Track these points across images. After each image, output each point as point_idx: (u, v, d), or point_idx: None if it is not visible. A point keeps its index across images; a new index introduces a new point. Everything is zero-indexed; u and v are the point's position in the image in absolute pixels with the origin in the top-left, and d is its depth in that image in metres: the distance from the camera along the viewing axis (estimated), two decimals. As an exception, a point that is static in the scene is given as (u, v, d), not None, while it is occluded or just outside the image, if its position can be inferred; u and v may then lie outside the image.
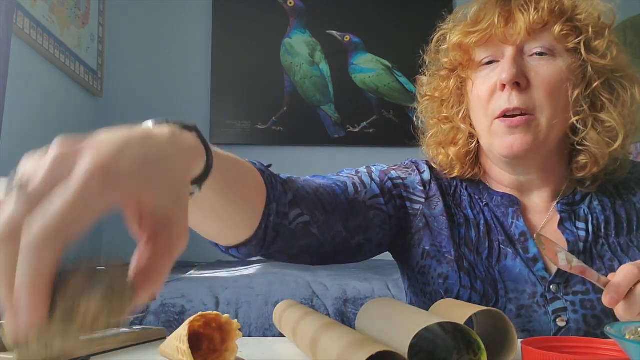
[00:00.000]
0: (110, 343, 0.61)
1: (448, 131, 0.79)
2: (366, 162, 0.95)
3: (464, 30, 0.73)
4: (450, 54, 0.76)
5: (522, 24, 0.69)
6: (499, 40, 0.71)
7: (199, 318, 0.50)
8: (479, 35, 0.72)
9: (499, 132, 0.71)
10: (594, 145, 0.72)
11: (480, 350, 0.47)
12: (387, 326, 0.48)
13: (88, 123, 2.44)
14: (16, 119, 1.72)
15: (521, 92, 0.69)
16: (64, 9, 2.11)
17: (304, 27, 2.78)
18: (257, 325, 1.32)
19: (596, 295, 0.68)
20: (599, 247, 0.73)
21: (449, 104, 0.79)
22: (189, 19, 2.75)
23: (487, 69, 0.73)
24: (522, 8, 0.70)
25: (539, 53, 0.71)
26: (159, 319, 1.29)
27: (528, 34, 0.70)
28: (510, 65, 0.69)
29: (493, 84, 0.71)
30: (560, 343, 0.50)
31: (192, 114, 2.71)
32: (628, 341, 0.41)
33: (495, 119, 0.71)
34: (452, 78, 0.77)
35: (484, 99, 0.72)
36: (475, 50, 0.74)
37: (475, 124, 0.76)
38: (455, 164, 0.79)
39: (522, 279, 0.71)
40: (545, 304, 0.70)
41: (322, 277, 1.52)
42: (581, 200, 0.76)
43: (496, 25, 0.70)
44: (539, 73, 0.70)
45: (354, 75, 2.78)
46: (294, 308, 0.63)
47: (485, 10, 0.72)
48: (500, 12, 0.70)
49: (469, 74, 0.75)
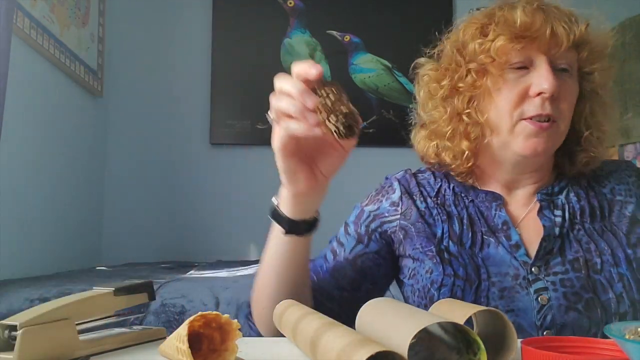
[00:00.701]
0: (110, 343, 0.61)
1: (464, 125, 0.82)
2: (366, 162, 0.96)
3: (513, 33, 0.76)
4: (491, 53, 0.78)
5: (564, 40, 0.75)
6: (540, 50, 0.76)
7: (199, 318, 0.50)
8: (528, 42, 0.76)
9: (525, 133, 0.77)
10: (595, 149, 0.82)
11: (480, 350, 0.47)
12: (387, 326, 0.48)
13: (88, 123, 2.44)
14: (16, 118, 1.72)
15: (553, 102, 0.76)
16: (64, 9, 2.11)
17: (304, 27, 2.78)
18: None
19: (575, 274, 0.75)
20: (575, 231, 0.80)
21: (470, 99, 0.82)
22: (189, 19, 2.75)
23: (517, 72, 0.78)
24: (565, 25, 0.76)
25: (563, 69, 0.78)
26: (159, 319, 1.29)
27: (564, 50, 0.76)
28: (552, 76, 0.74)
29: (525, 88, 0.77)
30: (560, 343, 0.50)
31: (192, 114, 2.71)
32: (628, 341, 0.41)
33: (522, 120, 0.77)
34: (485, 75, 0.80)
35: (513, 101, 0.77)
36: (512, 52, 0.77)
37: (494, 120, 0.79)
38: (470, 157, 0.83)
39: (504, 263, 0.78)
40: (527, 285, 0.75)
41: (322, 277, 1.52)
42: (559, 192, 0.84)
43: (546, 36, 0.75)
44: (566, 88, 0.77)
45: (354, 75, 2.78)
46: (294, 308, 0.63)
47: (533, 19, 0.76)
48: (548, 23, 0.75)
49: (499, 73, 0.78)
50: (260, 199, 2.68)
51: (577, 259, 0.76)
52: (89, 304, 0.60)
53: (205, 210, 2.65)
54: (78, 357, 0.56)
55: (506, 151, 0.80)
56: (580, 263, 0.75)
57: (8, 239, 1.70)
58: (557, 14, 0.77)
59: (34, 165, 1.90)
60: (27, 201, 1.84)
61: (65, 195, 2.16)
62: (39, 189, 1.93)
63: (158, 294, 1.33)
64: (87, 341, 0.60)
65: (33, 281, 1.50)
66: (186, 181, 2.67)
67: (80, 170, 2.33)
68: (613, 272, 0.74)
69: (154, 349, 0.59)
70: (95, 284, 0.66)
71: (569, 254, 0.77)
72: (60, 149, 2.11)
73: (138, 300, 0.67)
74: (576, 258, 0.76)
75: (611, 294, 0.73)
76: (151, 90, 2.69)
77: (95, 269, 2.06)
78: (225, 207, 2.66)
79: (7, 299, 1.31)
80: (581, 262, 0.75)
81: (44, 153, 1.98)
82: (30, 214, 1.87)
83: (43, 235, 1.96)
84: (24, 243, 1.82)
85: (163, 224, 2.63)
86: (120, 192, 2.63)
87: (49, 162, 2.01)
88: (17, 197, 1.77)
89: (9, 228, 1.71)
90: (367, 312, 0.55)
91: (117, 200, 2.62)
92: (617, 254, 0.76)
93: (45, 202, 1.98)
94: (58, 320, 0.55)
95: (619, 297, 0.72)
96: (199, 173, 2.67)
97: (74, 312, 0.57)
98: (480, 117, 0.80)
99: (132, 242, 2.59)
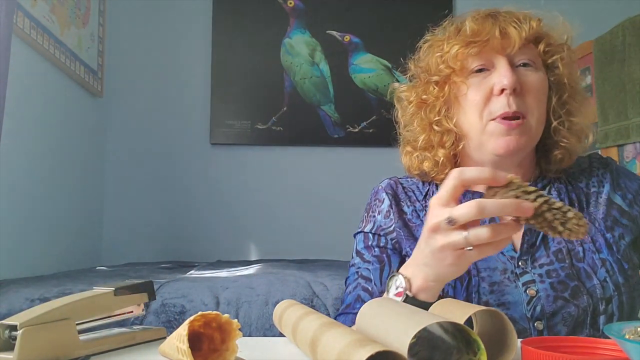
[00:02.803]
0: (110, 343, 0.61)
1: (438, 134, 0.87)
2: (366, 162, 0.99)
3: (464, 40, 0.81)
4: (446, 62, 0.83)
5: (516, 38, 0.79)
6: (495, 51, 0.81)
7: (199, 318, 0.50)
8: (480, 46, 0.81)
9: (495, 133, 0.80)
10: (569, 144, 0.85)
11: (479, 350, 0.47)
12: (387, 326, 0.48)
13: (88, 123, 2.44)
14: (16, 119, 1.72)
15: (517, 97, 0.79)
16: (64, 9, 2.11)
17: (304, 27, 2.78)
18: (257, 325, 1.31)
19: (559, 264, 0.78)
20: None
21: (439, 108, 0.86)
22: (189, 19, 2.75)
23: (479, 76, 0.82)
24: (514, 24, 0.80)
25: (524, 64, 0.81)
26: (159, 319, 1.29)
27: (518, 47, 0.80)
28: (510, 72, 0.78)
29: (488, 88, 0.80)
30: (560, 343, 0.50)
31: (192, 114, 2.71)
32: (628, 341, 0.41)
33: (491, 120, 0.80)
34: (445, 84, 0.85)
35: (479, 103, 0.81)
36: (468, 58, 0.82)
37: (467, 125, 0.84)
38: (447, 164, 0.88)
39: (492, 259, 0.80)
40: (515, 278, 0.78)
41: (322, 277, 1.52)
42: (542, 188, 0.86)
43: (495, 36, 0.79)
44: (528, 81, 0.81)
45: (354, 75, 2.78)
46: (294, 308, 0.63)
47: (482, 24, 0.81)
48: (497, 26, 0.80)
49: (462, 79, 0.82)
50: (260, 199, 2.69)
51: (560, 249, 0.79)
52: (89, 304, 0.60)
53: (206, 211, 2.65)
54: (78, 357, 0.56)
55: (482, 152, 0.83)
56: (563, 253, 0.79)
57: (8, 239, 1.70)
58: (507, 18, 0.82)
59: (33, 165, 1.90)
60: (27, 201, 1.84)
61: (65, 195, 2.16)
62: (39, 189, 1.93)
63: (158, 294, 1.33)
64: (87, 341, 0.60)
65: (33, 281, 1.50)
66: (186, 181, 2.67)
67: (80, 170, 2.33)
68: (595, 258, 0.78)
69: (154, 349, 0.59)
70: (95, 284, 0.66)
71: (552, 246, 0.80)
72: (60, 149, 2.11)
73: (138, 300, 0.67)
74: (559, 249, 0.79)
75: (595, 280, 0.76)
76: (151, 90, 2.69)
77: (95, 269, 2.06)
78: (225, 207, 2.66)
79: (7, 299, 1.31)
80: (564, 252, 0.79)
81: (44, 153, 1.98)
82: (30, 214, 1.87)
83: (43, 235, 1.96)
84: (24, 243, 1.82)
85: (163, 224, 2.63)
86: (120, 192, 2.63)
87: (49, 162, 2.01)
88: (17, 197, 1.77)
89: (9, 228, 1.71)
90: (367, 312, 0.55)
91: (117, 200, 2.62)
92: (597, 239, 0.80)
93: (45, 202, 1.98)
94: (58, 320, 0.55)
95: (603, 282, 0.76)
96: (199, 173, 2.67)
97: (74, 312, 0.57)
98: (450, 124, 0.84)
99: (132, 242, 2.59)
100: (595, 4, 2.76)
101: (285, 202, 2.68)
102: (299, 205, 2.67)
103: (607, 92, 2.18)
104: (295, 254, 2.49)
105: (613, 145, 2.17)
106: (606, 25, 2.23)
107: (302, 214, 2.66)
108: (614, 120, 2.15)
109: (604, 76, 2.20)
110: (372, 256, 0.88)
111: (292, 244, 2.61)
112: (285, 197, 2.68)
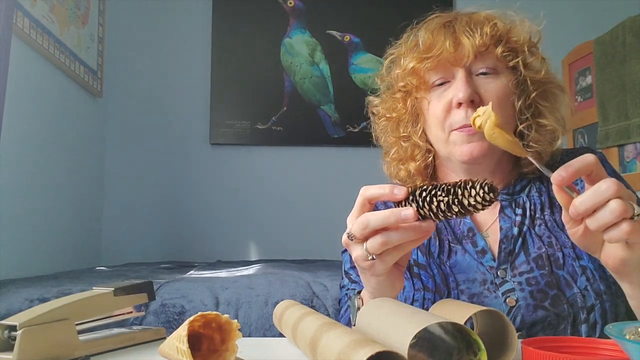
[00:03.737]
0: (110, 343, 0.61)
1: (407, 148, 0.88)
2: (366, 162, 1.00)
3: (418, 56, 0.82)
4: (406, 79, 0.84)
5: (469, 48, 0.78)
6: (450, 64, 0.80)
7: (199, 318, 0.50)
8: (433, 61, 0.80)
9: (457, 142, 0.80)
10: (538, 146, 0.83)
11: (480, 350, 0.47)
12: (387, 326, 0.48)
13: (88, 123, 2.44)
14: (16, 119, 1.72)
15: (476, 108, 0.76)
16: (64, 9, 2.11)
17: (304, 27, 2.78)
18: (257, 325, 1.31)
19: (539, 271, 0.76)
20: (536, 227, 0.81)
21: (406, 123, 0.88)
22: (189, 19, 2.75)
23: (440, 89, 0.82)
24: (467, 34, 0.79)
25: (484, 72, 0.81)
26: (158, 319, 1.29)
27: (474, 57, 0.79)
28: (464, 86, 0.78)
29: (448, 101, 0.80)
30: (560, 343, 0.50)
31: (192, 114, 2.71)
32: (628, 341, 0.41)
33: (452, 131, 0.80)
34: (408, 99, 0.86)
35: (440, 116, 0.81)
36: (427, 73, 0.83)
37: (432, 138, 0.85)
38: (417, 177, 0.89)
39: (471, 270, 0.79)
40: (495, 289, 0.77)
41: (322, 277, 1.52)
42: (521, 190, 0.86)
43: (448, 50, 0.79)
44: (488, 90, 0.80)
45: (354, 75, 2.78)
46: (294, 308, 0.63)
47: (435, 38, 0.81)
48: (449, 38, 0.79)
49: (424, 95, 0.83)
50: (260, 199, 2.69)
51: (540, 255, 0.77)
52: (89, 304, 0.60)
53: (205, 211, 2.65)
54: (78, 357, 0.56)
55: (452, 162, 0.84)
56: (543, 259, 0.76)
57: (8, 239, 1.70)
58: (461, 26, 0.80)
59: (33, 165, 1.90)
60: (27, 201, 1.84)
61: (65, 195, 2.15)
62: (38, 189, 1.93)
63: (158, 294, 1.33)
64: (87, 341, 0.60)
65: (33, 281, 1.50)
66: (186, 181, 2.67)
67: (80, 170, 2.33)
68: (575, 265, 0.75)
69: (154, 349, 0.59)
70: (95, 284, 0.66)
71: (532, 252, 0.78)
72: (60, 149, 2.11)
73: (138, 300, 0.67)
74: (539, 255, 0.77)
75: (576, 289, 0.73)
76: (151, 90, 2.69)
77: (95, 269, 2.06)
78: (225, 207, 2.66)
79: (7, 299, 1.31)
80: (544, 258, 0.76)
81: (44, 153, 1.98)
82: (30, 214, 1.87)
83: (43, 235, 1.96)
84: (23, 243, 1.82)
85: (163, 224, 2.63)
86: (120, 192, 2.63)
87: (48, 162, 2.01)
88: (17, 197, 1.77)
89: (9, 228, 1.71)
90: (367, 312, 0.55)
91: (117, 200, 2.62)
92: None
93: (45, 202, 1.98)
94: (58, 321, 0.55)
95: (583, 291, 0.73)
96: (199, 173, 2.67)
97: (74, 312, 0.57)
98: (417, 139, 0.86)
99: (132, 242, 2.59)
100: (595, 4, 2.76)
101: (285, 202, 2.68)
102: (299, 205, 2.67)
103: (608, 92, 2.18)
104: (295, 254, 2.49)
105: (613, 145, 2.17)
106: (606, 25, 2.23)
107: (302, 214, 2.66)
108: (614, 120, 2.15)
109: (604, 76, 2.20)
110: (357, 276, 0.86)
111: (292, 244, 2.61)
112: (285, 197, 2.68)
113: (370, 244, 0.61)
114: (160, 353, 0.54)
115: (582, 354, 0.49)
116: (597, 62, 2.25)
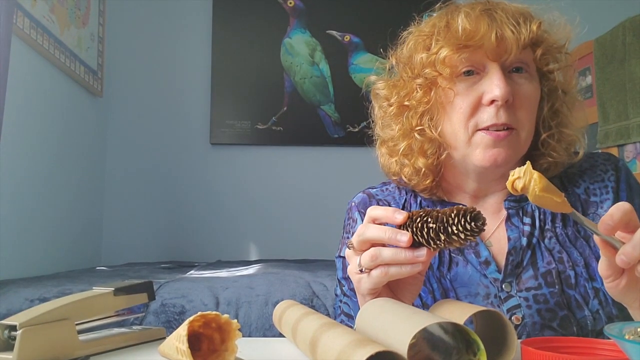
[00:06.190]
0: (110, 343, 0.61)
1: (419, 142, 0.78)
2: (366, 162, 0.94)
3: (455, 43, 0.72)
4: (436, 66, 0.73)
5: (513, 45, 0.70)
6: (490, 58, 0.72)
7: (199, 318, 0.50)
8: (472, 50, 0.71)
9: (482, 144, 0.72)
10: (556, 154, 0.77)
11: (479, 351, 0.47)
12: (387, 326, 0.48)
13: (88, 123, 2.44)
14: (16, 119, 1.72)
15: (508, 109, 0.71)
16: (64, 9, 2.11)
17: (304, 27, 2.78)
18: (257, 325, 1.31)
19: (548, 289, 0.71)
20: (546, 240, 0.75)
21: (422, 115, 0.77)
22: (189, 19, 2.75)
23: (468, 80, 0.73)
24: (513, 28, 0.71)
25: (517, 69, 0.73)
26: (158, 319, 1.29)
27: (514, 55, 0.72)
28: (504, 83, 0.70)
29: (477, 96, 0.72)
30: (560, 343, 0.50)
31: (192, 114, 2.71)
32: (628, 341, 0.41)
33: (478, 131, 0.72)
34: (432, 89, 0.75)
35: (466, 112, 0.73)
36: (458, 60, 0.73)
37: (450, 134, 0.75)
38: (428, 174, 0.79)
39: (473, 283, 0.74)
40: (499, 303, 0.72)
41: (322, 277, 1.52)
42: None
43: (491, 43, 0.70)
44: (522, 92, 0.72)
45: (354, 75, 2.78)
46: (294, 308, 0.63)
47: (476, 25, 0.71)
48: (494, 29, 0.70)
49: (448, 84, 0.73)
50: (260, 199, 2.69)
51: (550, 271, 0.72)
52: (89, 304, 0.60)
53: (206, 210, 2.65)
54: (77, 358, 0.56)
55: (467, 163, 0.75)
56: (553, 276, 0.71)
57: (8, 239, 1.70)
58: (504, 16, 0.72)
59: (33, 165, 1.90)
60: (27, 201, 1.84)
61: (65, 195, 2.15)
62: (38, 189, 1.93)
63: (158, 294, 1.33)
64: (87, 341, 0.59)
65: (33, 281, 1.50)
66: (186, 181, 2.67)
67: (80, 170, 2.33)
68: (588, 287, 0.70)
69: (153, 349, 0.59)
70: (95, 284, 0.66)
71: (541, 266, 0.73)
72: (60, 149, 2.11)
73: (138, 300, 0.67)
74: (549, 271, 0.72)
75: (587, 312, 0.69)
76: (151, 90, 2.69)
77: (95, 269, 2.06)
78: (225, 207, 2.66)
79: (7, 299, 1.31)
80: (554, 275, 0.71)
81: (44, 153, 1.98)
82: (30, 214, 1.87)
83: (43, 235, 1.96)
84: (24, 243, 1.82)
85: (163, 224, 2.63)
86: (120, 192, 2.63)
87: (48, 162, 2.01)
88: (17, 197, 1.77)
89: (9, 228, 1.71)
90: (367, 312, 0.55)
91: (117, 200, 2.62)
92: (591, 264, 0.71)
93: (45, 202, 1.98)
94: (58, 320, 0.55)
95: (595, 314, 0.69)
96: (199, 173, 2.67)
97: (74, 312, 0.57)
98: (434, 133, 0.76)
99: (132, 242, 2.59)
100: (595, 4, 2.76)
101: (285, 202, 2.68)
102: (299, 205, 2.67)
103: (608, 92, 2.18)
104: (295, 254, 2.49)
105: (613, 145, 2.17)
106: (606, 25, 2.23)
107: (302, 214, 2.66)
108: (614, 120, 2.15)
109: (604, 76, 2.20)
110: (349, 289, 0.82)
111: (292, 244, 2.61)
112: (285, 197, 2.68)
113: (363, 256, 0.60)
114: (160, 353, 0.54)
115: (582, 354, 0.49)
116: (597, 62, 2.25)
